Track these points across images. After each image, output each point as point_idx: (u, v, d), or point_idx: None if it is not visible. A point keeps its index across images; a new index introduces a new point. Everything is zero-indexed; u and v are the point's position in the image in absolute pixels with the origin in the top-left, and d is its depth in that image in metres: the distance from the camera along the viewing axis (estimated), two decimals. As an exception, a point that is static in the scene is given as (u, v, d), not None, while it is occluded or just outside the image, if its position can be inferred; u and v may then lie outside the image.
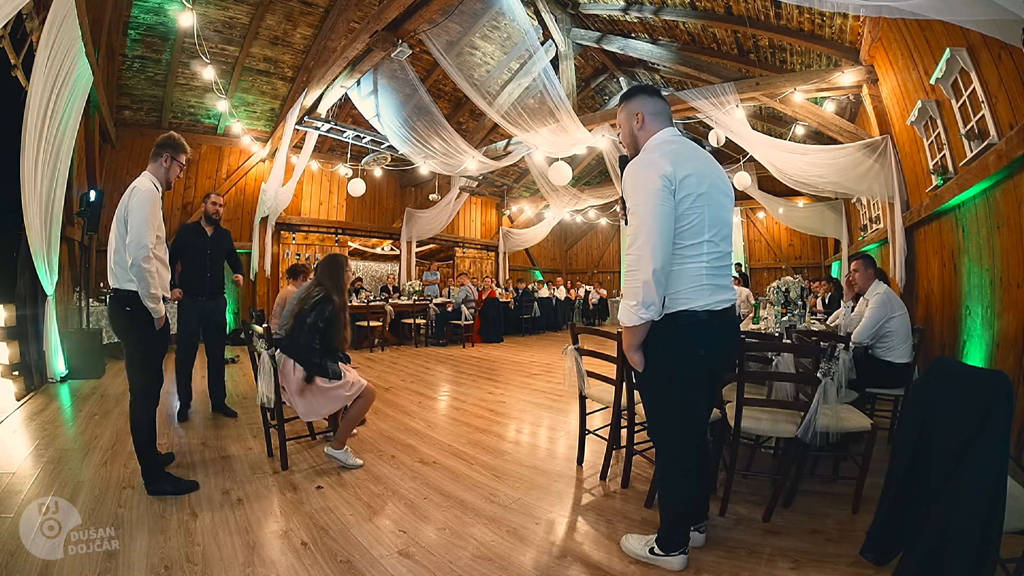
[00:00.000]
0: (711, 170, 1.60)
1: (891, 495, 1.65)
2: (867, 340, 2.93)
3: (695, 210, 1.53)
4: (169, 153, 2.38)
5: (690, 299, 1.56)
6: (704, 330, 1.57)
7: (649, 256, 1.47)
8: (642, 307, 1.50)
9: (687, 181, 1.52)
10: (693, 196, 1.53)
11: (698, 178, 1.53)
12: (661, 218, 1.48)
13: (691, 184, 1.52)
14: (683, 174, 1.52)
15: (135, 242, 2.12)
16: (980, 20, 2.20)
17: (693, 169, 1.54)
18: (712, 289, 1.58)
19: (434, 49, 5.70)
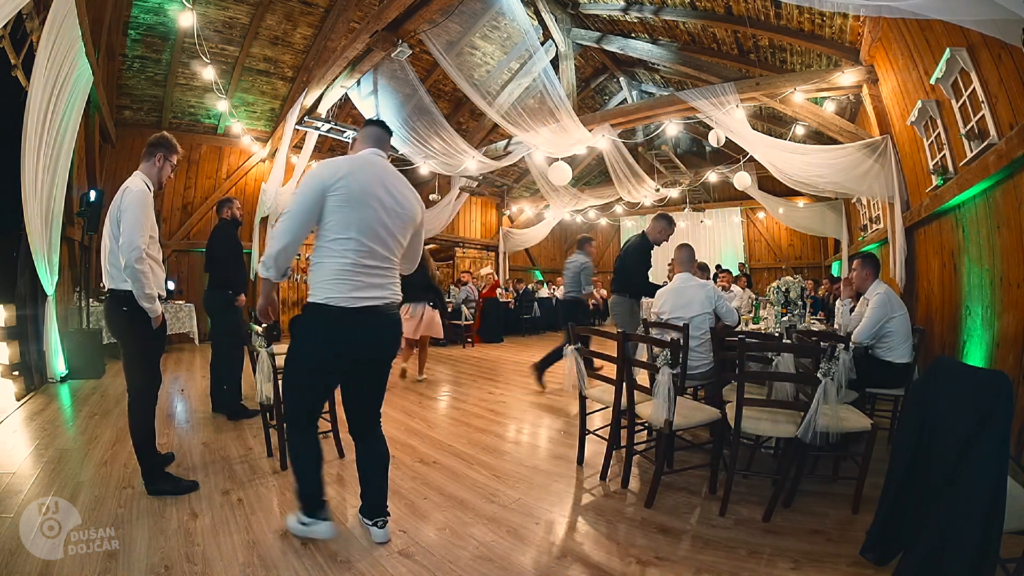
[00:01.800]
0: (376, 183, 1.78)
1: (891, 495, 1.65)
2: (867, 340, 2.93)
3: (341, 212, 1.71)
4: (162, 153, 2.38)
5: (328, 291, 1.70)
6: (331, 322, 1.70)
7: (280, 236, 1.72)
8: (263, 267, 1.76)
9: (338, 186, 1.70)
10: (341, 200, 1.71)
11: (351, 186, 1.72)
12: (302, 213, 1.71)
13: (341, 190, 1.70)
14: (336, 181, 1.71)
15: (128, 244, 2.12)
16: (980, 20, 2.20)
17: (351, 179, 1.73)
18: (355, 286, 1.71)
19: (434, 49, 5.70)
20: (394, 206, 1.80)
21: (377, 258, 1.76)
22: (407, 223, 1.85)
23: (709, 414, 2.38)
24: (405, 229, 1.85)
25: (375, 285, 1.76)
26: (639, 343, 2.89)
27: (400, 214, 1.82)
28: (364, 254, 1.73)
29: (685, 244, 3.32)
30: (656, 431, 2.36)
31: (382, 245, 1.77)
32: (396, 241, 1.83)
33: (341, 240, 1.70)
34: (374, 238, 1.74)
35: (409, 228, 1.88)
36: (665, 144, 9.74)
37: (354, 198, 1.71)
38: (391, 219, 1.79)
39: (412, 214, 1.87)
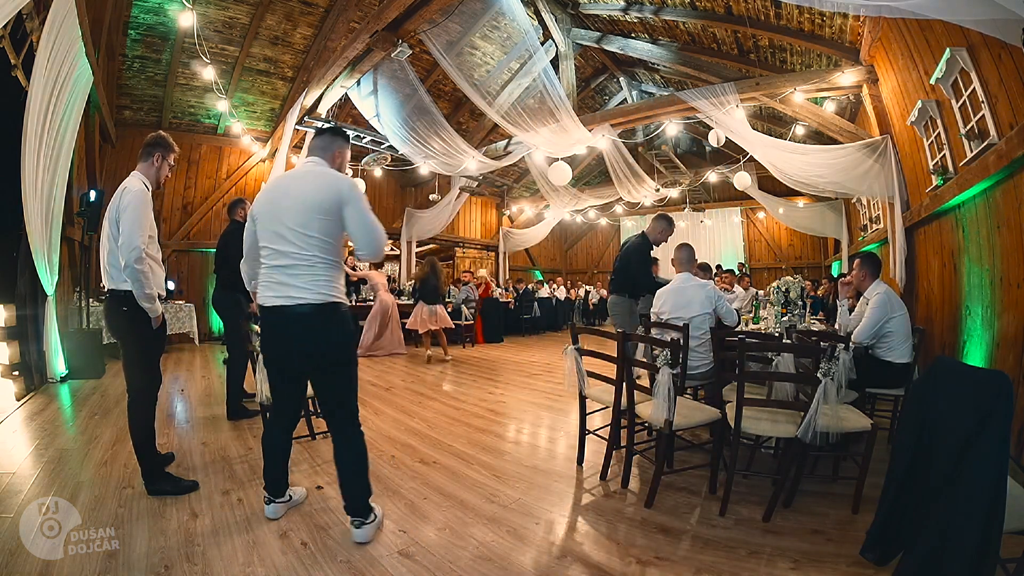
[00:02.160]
0: (280, 193, 1.89)
1: (891, 495, 1.65)
2: (867, 340, 2.93)
3: (261, 231, 1.90)
4: (160, 152, 2.38)
5: (260, 294, 1.92)
6: (262, 321, 1.94)
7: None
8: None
9: (254, 215, 1.93)
10: (257, 224, 1.91)
11: (259, 205, 1.91)
12: (245, 245, 2.02)
13: (254, 212, 1.94)
14: (253, 214, 1.93)
15: (127, 244, 2.12)
16: (980, 20, 2.20)
17: (258, 204, 1.94)
18: (266, 286, 1.88)
19: (434, 49, 5.70)
20: (292, 204, 1.83)
21: (283, 257, 1.83)
22: (308, 210, 1.81)
23: (709, 414, 2.38)
24: (308, 216, 1.80)
25: (280, 284, 1.83)
26: (639, 343, 2.90)
27: (299, 207, 1.82)
28: (272, 256, 1.86)
29: (685, 244, 3.31)
30: (656, 431, 2.36)
31: (285, 243, 1.82)
32: (300, 234, 1.80)
33: (262, 251, 1.90)
34: (278, 240, 1.83)
35: (313, 213, 1.80)
36: (665, 144, 9.74)
37: (264, 216, 1.88)
38: (290, 217, 1.82)
39: (311, 200, 1.82)
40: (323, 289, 1.83)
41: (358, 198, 1.86)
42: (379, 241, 1.91)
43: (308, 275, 1.82)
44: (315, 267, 1.82)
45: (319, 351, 1.86)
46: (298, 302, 1.81)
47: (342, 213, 1.84)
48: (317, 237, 1.81)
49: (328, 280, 1.85)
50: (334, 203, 1.82)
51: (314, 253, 1.82)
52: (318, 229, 1.81)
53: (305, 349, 1.86)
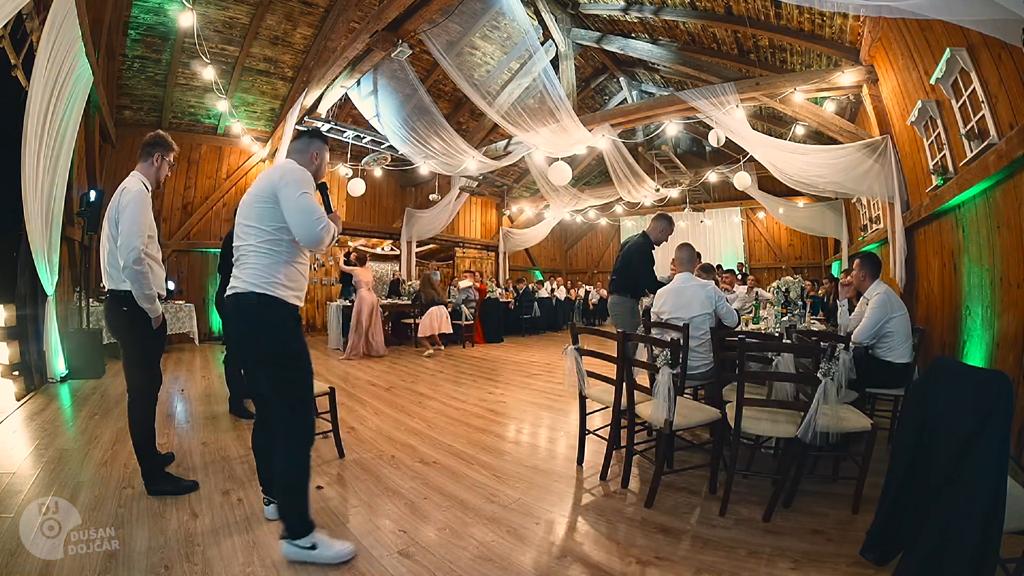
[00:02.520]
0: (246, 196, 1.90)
1: (891, 495, 1.65)
2: (867, 340, 2.93)
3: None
4: (160, 152, 2.38)
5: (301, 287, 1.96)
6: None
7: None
8: None
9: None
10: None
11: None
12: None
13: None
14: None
15: (125, 245, 2.12)
16: (980, 20, 2.20)
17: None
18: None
19: (434, 49, 5.70)
20: (245, 199, 1.88)
21: (237, 251, 1.86)
22: (248, 204, 1.84)
23: (709, 414, 2.38)
24: (250, 207, 1.82)
25: (233, 275, 1.85)
26: (639, 343, 2.90)
27: (247, 201, 1.86)
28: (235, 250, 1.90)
29: (686, 244, 3.31)
30: (656, 431, 2.36)
31: (239, 239, 1.85)
32: (246, 227, 1.83)
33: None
34: (237, 237, 1.87)
35: (254, 204, 1.81)
36: (665, 144, 9.74)
37: (236, 216, 1.92)
38: (242, 212, 1.86)
39: (255, 191, 1.84)
40: (257, 280, 1.77)
41: (290, 183, 1.76)
42: (311, 227, 1.73)
43: (247, 265, 1.80)
44: (250, 256, 1.80)
45: (247, 343, 1.85)
46: (235, 291, 1.81)
47: (277, 199, 1.76)
48: (255, 226, 1.80)
49: (263, 271, 1.78)
50: (270, 190, 1.78)
51: (251, 243, 1.80)
52: (256, 218, 1.80)
53: (237, 339, 1.95)
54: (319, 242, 1.77)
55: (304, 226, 1.75)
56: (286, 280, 1.81)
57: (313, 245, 1.78)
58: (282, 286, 1.79)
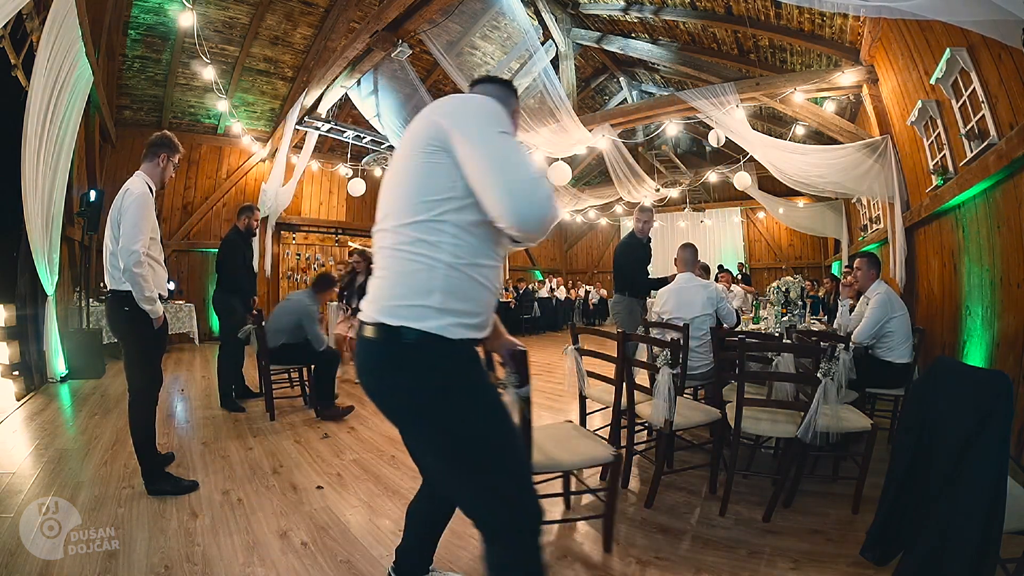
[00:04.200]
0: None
1: (891, 495, 1.65)
2: (867, 340, 2.93)
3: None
4: (166, 153, 2.38)
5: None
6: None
7: None
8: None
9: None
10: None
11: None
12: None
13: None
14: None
15: (125, 248, 2.12)
16: (980, 21, 2.20)
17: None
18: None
19: (434, 49, 5.70)
20: (388, 181, 1.26)
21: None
22: (395, 178, 1.25)
23: (709, 414, 2.38)
24: (394, 189, 1.23)
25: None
26: (639, 343, 2.90)
27: (391, 180, 1.25)
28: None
29: (688, 244, 3.31)
30: (656, 431, 2.36)
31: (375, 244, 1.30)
32: (384, 222, 1.24)
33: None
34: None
35: (399, 177, 1.20)
36: (665, 144, 9.74)
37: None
38: (385, 199, 1.27)
39: (398, 161, 1.23)
40: (397, 301, 1.16)
41: (476, 114, 1.06)
42: (528, 188, 0.94)
43: (386, 278, 1.29)
44: (393, 262, 1.28)
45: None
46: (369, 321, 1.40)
47: (448, 145, 1.07)
48: (406, 215, 1.15)
49: (410, 287, 1.13)
50: (432, 131, 1.07)
51: (388, 243, 1.21)
52: (409, 194, 1.12)
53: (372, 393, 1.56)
54: (542, 220, 0.96)
55: (515, 189, 0.95)
56: (455, 299, 1.04)
57: (532, 226, 0.96)
58: (446, 311, 1.02)
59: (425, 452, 1.17)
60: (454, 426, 1.04)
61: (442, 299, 1.02)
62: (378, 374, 1.08)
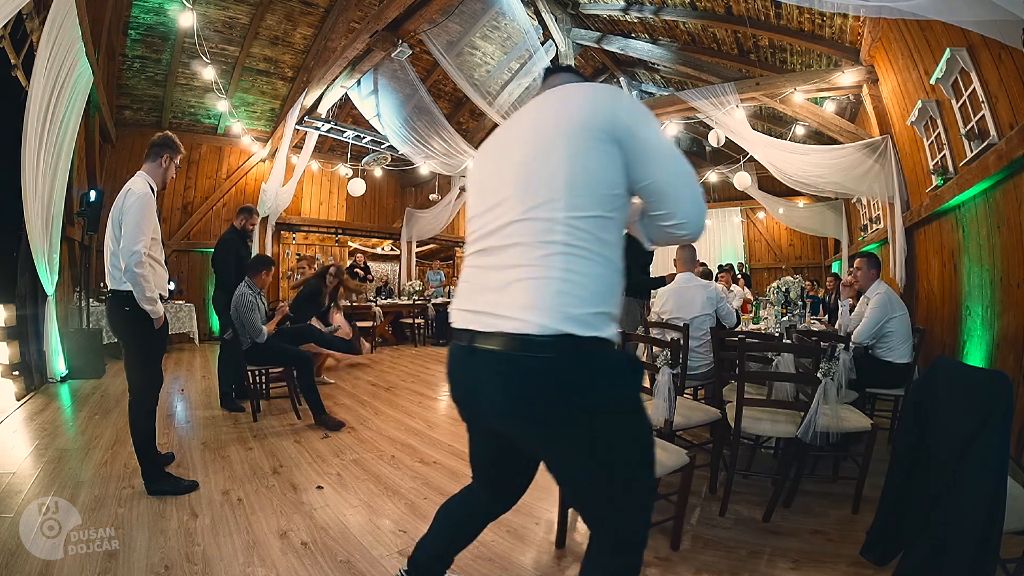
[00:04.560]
0: (510, 127, 1.10)
1: (891, 495, 1.65)
2: (867, 340, 2.93)
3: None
4: (168, 154, 2.39)
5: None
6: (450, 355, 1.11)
7: None
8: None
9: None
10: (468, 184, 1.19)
11: (480, 156, 1.17)
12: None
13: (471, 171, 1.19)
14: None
15: (127, 248, 2.13)
16: (980, 21, 2.20)
17: (484, 147, 1.17)
18: (457, 291, 1.14)
19: (434, 49, 5.70)
20: (528, 153, 1.09)
21: (496, 250, 1.12)
22: (541, 150, 1.09)
23: (709, 414, 2.38)
24: (542, 164, 1.09)
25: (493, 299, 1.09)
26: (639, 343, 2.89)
27: (534, 152, 1.09)
28: None
29: (687, 244, 3.31)
30: (656, 431, 2.35)
31: (496, 224, 1.12)
32: (521, 200, 1.08)
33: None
34: (489, 222, 1.14)
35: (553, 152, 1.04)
36: (665, 144, 9.72)
37: None
38: (522, 168, 1.10)
39: (545, 133, 1.08)
40: (566, 306, 1.05)
41: (644, 114, 1.06)
42: (697, 196, 1.08)
43: (536, 278, 1.04)
44: (549, 256, 1.08)
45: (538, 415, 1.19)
46: (503, 333, 1.16)
47: (618, 138, 1.02)
48: (557, 198, 1.04)
49: (580, 287, 1.04)
50: (604, 118, 0.99)
51: (537, 229, 1.04)
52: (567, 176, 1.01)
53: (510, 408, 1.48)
54: (705, 225, 1.08)
55: (697, 195, 1.04)
56: (619, 305, 1.00)
57: (701, 229, 1.08)
58: (615, 319, 0.98)
59: (585, 468, 1.01)
60: (629, 439, 1.00)
61: (616, 304, 0.97)
62: (563, 395, 0.92)
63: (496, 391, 0.96)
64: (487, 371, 0.97)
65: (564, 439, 0.97)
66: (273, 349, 3.54)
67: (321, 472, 2.61)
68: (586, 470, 1.01)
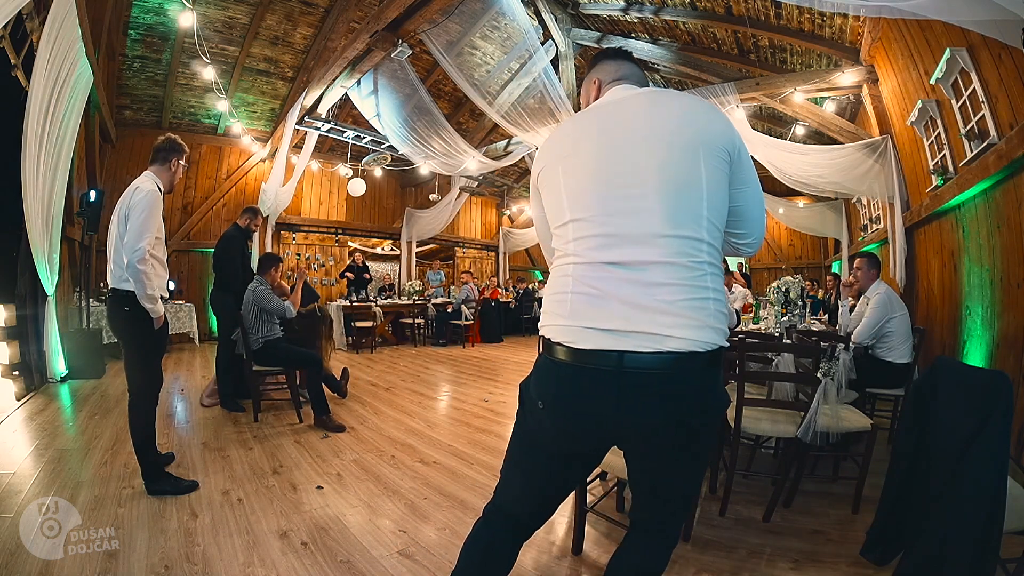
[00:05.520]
0: (613, 117, 1.05)
1: (891, 495, 1.65)
2: (867, 340, 2.93)
3: (550, 181, 1.08)
4: (177, 157, 2.41)
5: (546, 320, 1.06)
6: (553, 375, 1.02)
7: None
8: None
9: (547, 147, 1.12)
10: (551, 164, 1.08)
11: (567, 137, 1.08)
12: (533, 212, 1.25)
13: (552, 149, 1.10)
14: (551, 141, 1.12)
15: (131, 245, 2.13)
16: (980, 21, 2.20)
17: (570, 128, 1.10)
18: (575, 306, 0.99)
19: (434, 49, 5.70)
20: (666, 155, 1.05)
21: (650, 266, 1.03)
22: (675, 157, 1.06)
23: (709, 414, 2.38)
24: (680, 174, 1.09)
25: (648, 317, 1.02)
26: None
27: (676, 158, 1.05)
28: None
29: None
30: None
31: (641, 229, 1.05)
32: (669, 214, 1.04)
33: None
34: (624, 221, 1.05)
35: (686, 164, 1.03)
36: (665, 144, 9.72)
37: None
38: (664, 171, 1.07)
39: (678, 141, 1.07)
40: (708, 322, 1.08)
41: (740, 138, 1.09)
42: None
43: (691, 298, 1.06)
44: (698, 275, 1.09)
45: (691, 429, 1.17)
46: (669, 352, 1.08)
47: (731, 163, 1.08)
48: (700, 217, 1.07)
49: (710, 301, 1.06)
50: (722, 140, 1.03)
51: (683, 251, 1.05)
52: (705, 194, 1.03)
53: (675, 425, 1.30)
54: (760, 246, 1.17)
55: (762, 219, 1.11)
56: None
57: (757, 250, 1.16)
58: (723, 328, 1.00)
59: (695, 473, 1.10)
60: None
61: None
62: (715, 402, 1.01)
63: (654, 412, 0.95)
64: (646, 394, 0.94)
65: (699, 446, 1.03)
66: (284, 351, 3.55)
67: (321, 472, 2.61)
68: (694, 476, 1.09)
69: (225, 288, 3.89)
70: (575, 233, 1.02)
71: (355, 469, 2.67)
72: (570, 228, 1.03)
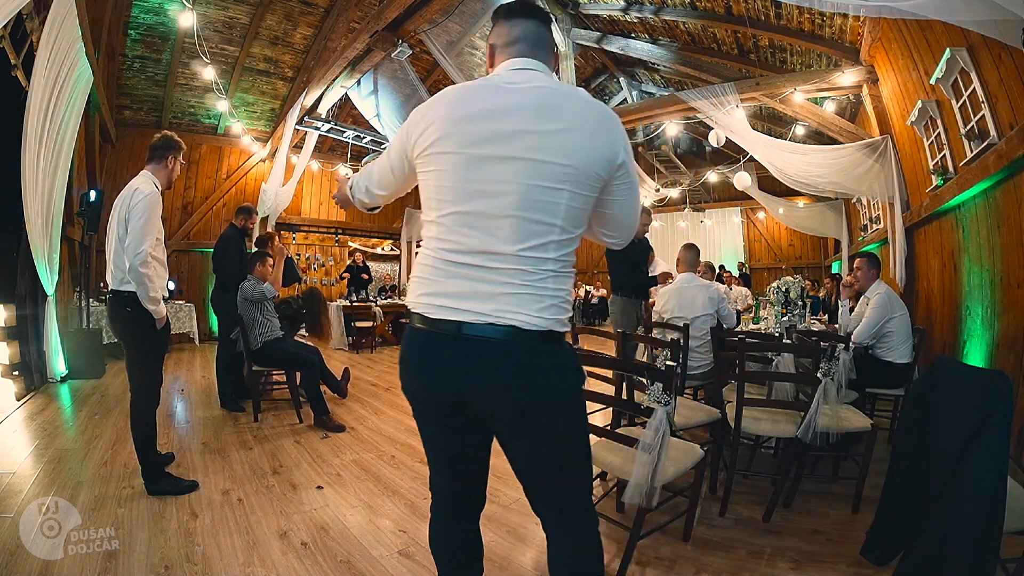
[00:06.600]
0: (493, 119, 1.00)
1: (891, 495, 1.65)
2: (867, 340, 2.93)
3: (430, 169, 1.06)
4: (173, 154, 2.40)
5: (412, 290, 1.11)
6: (414, 342, 1.08)
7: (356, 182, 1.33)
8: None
9: (429, 131, 1.04)
10: (428, 150, 1.05)
11: (450, 122, 1.03)
12: (372, 166, 1.27)
13: (432, 132, 1.04)
14: (428, 121, 1.05)
15: (132, 247, 2.13)
16: (980, 21, 2.20)
17: (453, 111, 1.04)
18: (431, 280, 1.06)
19: (434, 49, 5.70)
20: (579, 158, 1.06)
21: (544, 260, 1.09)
22: (576, 169, 1.08)
23: (709, 414, 2.38)
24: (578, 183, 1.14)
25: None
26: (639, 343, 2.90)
27: (581, 165, 1.07)
28: None
29: (690, 244, 3.31)
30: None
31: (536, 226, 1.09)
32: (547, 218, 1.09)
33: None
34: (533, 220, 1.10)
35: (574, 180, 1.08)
36: (665, 144, 9.73)
37: None
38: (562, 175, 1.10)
39: (579, 152, 1.08)
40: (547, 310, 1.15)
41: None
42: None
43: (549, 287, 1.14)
44: (554, 270, 1.16)
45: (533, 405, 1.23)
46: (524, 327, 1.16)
47: (613, 176, 1.10)
48: (552, 223, 1.12)
49: (559, 294, 1.15)
50: (609, 155, 1.04)
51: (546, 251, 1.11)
52: (569, 203, 1.08)
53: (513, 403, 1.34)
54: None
55: (633, 227, 1.18)
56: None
57: (622, 247, 1.24)
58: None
59: (568, 448, 1.12)
60: (585, 422, 1.21)
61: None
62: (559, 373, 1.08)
63: (502, 374, 1.00)
64: (490, 356, 0.99)
65: (540, 421, 1.06)
66: (282, 351, 3.56)
67: (321, 472, 2.61)
68: (568, 450, 1.11)
69: (225, 288, 3.90)
70: (442, 200, 1.05)
71: (355, 469, 2.67)
72: (434, 227, 1.08)
